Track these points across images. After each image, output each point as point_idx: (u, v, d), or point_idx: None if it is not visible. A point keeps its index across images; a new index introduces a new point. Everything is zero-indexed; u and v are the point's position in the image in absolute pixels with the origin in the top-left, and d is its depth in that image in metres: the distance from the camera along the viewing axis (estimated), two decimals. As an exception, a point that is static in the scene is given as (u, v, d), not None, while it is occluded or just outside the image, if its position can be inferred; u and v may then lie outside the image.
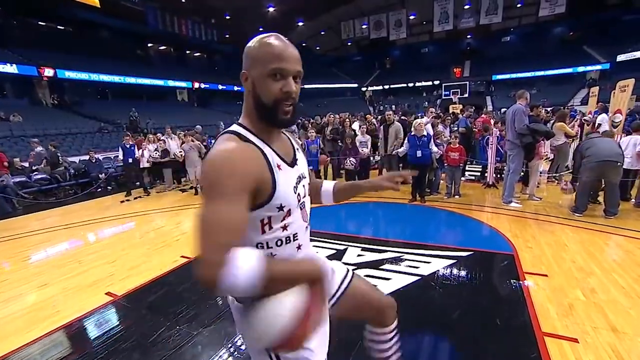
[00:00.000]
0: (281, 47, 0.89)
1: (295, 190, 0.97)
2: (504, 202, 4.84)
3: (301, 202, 1.01)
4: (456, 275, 2.92)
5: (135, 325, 2.49)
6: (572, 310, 2.30)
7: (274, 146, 0.95)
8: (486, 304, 2.45)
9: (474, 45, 35.43)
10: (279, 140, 1.00)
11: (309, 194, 1.10)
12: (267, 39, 0.90)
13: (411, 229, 4.27)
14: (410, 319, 2.34)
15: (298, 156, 1.04)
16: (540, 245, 3.42)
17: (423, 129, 5.04)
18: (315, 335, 0.94)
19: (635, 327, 2.06)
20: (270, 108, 0.90)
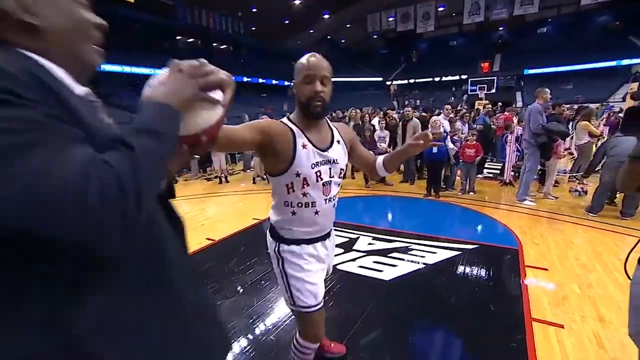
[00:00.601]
0: (311, 59, 1.24)
1: (315, 167, 1.26)
2: (518, 200, 4.88)
3: (322, 180, 1.28)
4: (459, 265, 3.09)
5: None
6: (565, 301, 2.44)
7: (307, 133, 1.27)
8: (483, 292, 2.63)
9: (506, 37, 33.94)
10: (316, 131, 1.30)
11: (367, 173, 1.55)
12: (304, 57, 1.26)
13: (422, 222, 4.43)
14: (409, 301, 2.57)
15: (334, 147, 1.33)
16: (547, 242, 3.51)
17: (439, 125, 5.14)
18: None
19: (623, 319, 2.16)
20: (305, 104, 1.23)
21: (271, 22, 30.54)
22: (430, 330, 2.21)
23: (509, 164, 5.90)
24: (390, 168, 1.48)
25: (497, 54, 32.96)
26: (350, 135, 1.46)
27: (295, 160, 1.22)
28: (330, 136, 1.34)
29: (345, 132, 1.43)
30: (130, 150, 0.49)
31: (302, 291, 1.33)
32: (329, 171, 1.30)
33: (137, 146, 0.50)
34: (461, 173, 5.71)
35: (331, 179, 1.31)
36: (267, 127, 1.23)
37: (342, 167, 1.36)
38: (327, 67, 1.24)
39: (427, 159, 5.34)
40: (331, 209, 1.37)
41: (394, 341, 2.11)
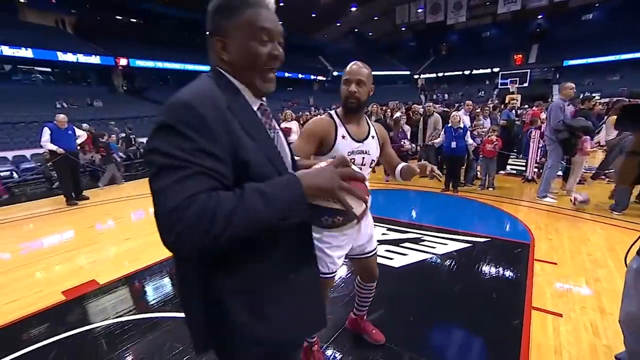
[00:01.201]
0: (352, 67, 1.53)
1: (350, 154, 1.53)
2: (538, 197, 4.82)
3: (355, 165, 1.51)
4: (468, 256, 3.19)
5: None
6: (569, 293, 2.49)
7: (347, 126, 1.56)
8: (487, 281, 2.73)
9: (545, 26, 31.96)
10: (355, 125, 1.58)
11: (387, 169, 1.77)
12: (349, 65, 1.54)
13: (437, 216, 4.51)
14: (415, 287, 2.73)
15: (368, 140, 1.59)
16: (562, 238, 3.51)
17: (459, 120, 5.15)
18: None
19: (626, 312, 2.21)
20: (344, 101, 1.54)
21: (298, 16, 30.64)
22: (431, 312, 2.35)
23: (532, 160, 5.79)
24: (404, 177, 1.68)
25: (534, 44, 31.19)
26: (384, 135, 1.72)
27: (334, 147, 1.52)
28: (367, 131, 1.61)
29: (381, 131, 1.70)
30: (239, 197, 0.64)
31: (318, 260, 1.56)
32: (362, 160, 1.57)
33: (247, 200, 0.65)
34: (481, 169, 5.68)
35: (362, 166, 1.57)
36: (315, 131, 1.53)
37: (374, 159, 1.62)
38: (365, 73, 1.51)
39: (446, 154, 5.37)
40: None
41: (396, 320, 2.28)
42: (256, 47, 0.75)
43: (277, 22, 0.78)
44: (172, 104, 0.67)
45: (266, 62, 0.77)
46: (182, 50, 23.93)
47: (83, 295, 2.81)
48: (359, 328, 2.09)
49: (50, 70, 19.02)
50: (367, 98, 1.55)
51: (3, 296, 2.86)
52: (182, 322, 2.37)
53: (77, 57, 17.35)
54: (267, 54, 0.76)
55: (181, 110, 0.66)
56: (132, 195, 6.51)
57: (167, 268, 3.25)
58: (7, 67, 17.34)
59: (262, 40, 0.75)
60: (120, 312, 2.51)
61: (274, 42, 0.77)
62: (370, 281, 1.89)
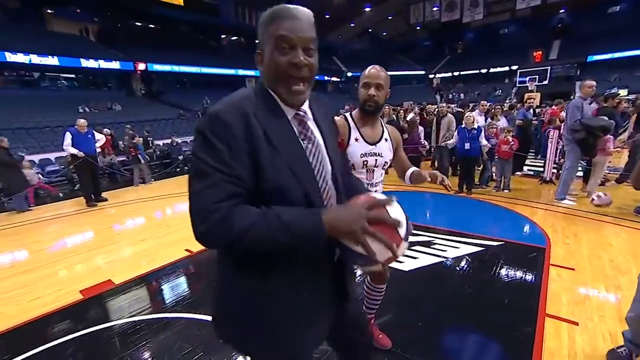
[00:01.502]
0: (371, 71, 1.55)
1: (363, 157, 1.59)
2: (557, 199, 4.66)
3: (368, 166, 1.61)
4: (480, 260, 3.11)
5: (206, 273, 3.25)
6: (586, 300, 2.39)
7: (361, 128, 1.62)
8: (500, 287, 2.66)
9: (567, 20, 30.82)
10: (369, 128, 1.63)
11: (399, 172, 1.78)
12: (367, 68, 1.57)
13: (449, 218, 4.43)
14: (425, 290, 2.68)
15: (381, 142, 1.64)
16: (580, 242, 3.38)
17: (473, 121, 5.04)
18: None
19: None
20: (362, 104, 1.59)
21: (312, 17, 30.74)
22: (440, 317, 2.31)
23: (551, 161, 5.60)
24: (414, 182, 1.71)
25: (555, 40, 30.12)
26: (397, 138, 1.76)
27: (347, 149, 1.56)
28: (381, 133, 1.66)
29: (394, 134, 1.74)
30: (260, 216, 0.72)
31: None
32: (375, 162, 1.63)
33: (266, 220, 0.72)
34: (496, 170, 5.54)
35: (375, 167, 1.64)
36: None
37: (387, 161, 1.67)
38: (383, 77, 1.54)
39: (460, 155, 5.26)
40: (374, 191, 1.66)
41: (404, 324, 2.25)
42: (277, 57, 0.79)
43: (301, 30, 0.79)
44: (208, 113, 0.76)
45: (286, 70, 0.79)
46: (197, 53, 24.46)
47: (99, 294, 2.91)
48: None
49: (74, 77, 19.84)
50: (385, 101, 1.59)
51: (27, 294, 3.00)
52: (191, 322, 2.43)
53: (98, 63, 18.05)
54: (287, 62, 0.78)
55: (212, 119, 0.75)
56: (148, 197, 6.69)
57: (180, 269, 3.33)
58: (35, 75, 18.22)
59: (282, 49, 0.78)
60: (132, 312, 2.59)
61: (296, 49, 0.78)
62: (381, 283, 1.90)
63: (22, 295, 2.98)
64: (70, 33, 20.11)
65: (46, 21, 20.03)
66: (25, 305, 2.80)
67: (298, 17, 0.79)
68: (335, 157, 0.94)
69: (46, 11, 20.09)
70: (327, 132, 0.94)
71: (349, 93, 34.53)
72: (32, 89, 17.57)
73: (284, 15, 0.78)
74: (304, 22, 0.80)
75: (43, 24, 19.75)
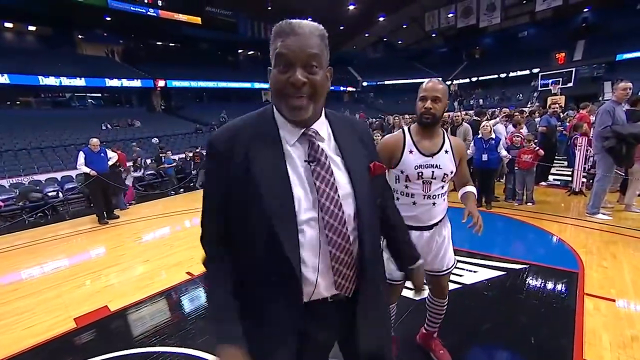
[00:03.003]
0: (427, 84, 1.55)
1: (417, 168, 1.57)
2: (588, 213, 4.22)
3: (424, 179, 1.59)
4: (501, 287, 2.78)
5: (205, 300, 3.08)
6: (634, 342, 2.02)
7: (417, 141, 1.61)
8: (525, 321, 2.32)
9: (592, 19, 29.55)
10: (427, 140, 1.61)
11: (457, 185, 1.81)
12: (424, 81, 1.58)
13: (466, 236, 4.04)
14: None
15: (440, 154, 1.60)
16: (621, 265, 2.97)
17: (490, 131, 4.71)
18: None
19: None
20: (419, 117, 1.58)
21: (327, 30, 30.91)
22: (453, 358, 2.01)
23: (579, 170, 5.14)
24: (463, 201, 1.75)
25: (579, 40, 28.85)
26: (461, 152, 1.70)
27: (401, 160, 1.59)
28: (440, 145, 1.62)
29: (458, 147, 1.68)
30: (211, 291, 0.89)
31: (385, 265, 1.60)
32: (432, 173, 1.58)
33: (210, 296, 0.91)
34: (517, 182, 5.13)
35: (433, 179, 1.59)
36: (385, 149, 1.62)
37: (447, 173, 1.61)
38: (440, 89, 1.53)
39: (477, 167, 4.91)
40: (430, 205, 1.64)
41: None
42: (276, 75, 0.77)
43: (301, 46, 0.75)
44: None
45: (284, 89, 0.76)
46: (215, 68, 25.16)
47: (92, 323, 2.79)
48: (427, 344, 2.07)
49: (100, 95, 20.86)
50: (442, 113, 1.58)
51: (22, 321, 2.92)
52: (182, 357, 2.24)
53: (121, 82, 18.94)
54: (285, 81, 0.76)
55: (208, 143, 0.84)
56: (158, 214, 6.68)
57: (179, 294, 3.19)
58: (67, 95, 19.34)
59: (281, 68, 0.76)
60: (123, 344, 2.44)
61: (294, 67, 0.75)
62: (440, 297, 1.90)
63: (18, 323, 2.91)
64: (97, 55, 21.22)
65: (77, 45, 21.31)
66: (19, 334, 2.72)
67: (298, 32, 0.76)
68: (359, 180, 0.85)
69: (77, 36, 21.38)
70: (350, 154, 0.87)
71: (364, 103, 34.40)
72: (62, 109, 18.66)
73: (284, 31, 0.76)
74: (305, 37, 0.76)
75: (74, 48, 21.03)
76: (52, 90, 18.47)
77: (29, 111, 17.65)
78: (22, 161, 11.06)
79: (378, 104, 33.08)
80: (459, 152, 1.67)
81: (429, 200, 1.63)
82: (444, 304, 1.91)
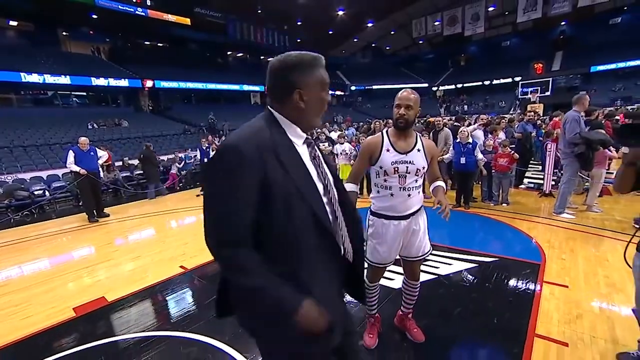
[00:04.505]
0: (402, 94, 1.83)
1: (394, 164, 1.84)
2: (555, 213, 4.59)
3: (399, 173, 1.85)
4: (472, 277, 3.07)
5: (198, 290, 3.26)
6: (579, 320, 2.33)
7: (393, 142, 1.88)
8: (491, 306, 2.60)
9: (569, 32, 31.00)
10: (402, 140, 1.88)
11: (428, 180, 2.06)
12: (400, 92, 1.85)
13: (444, 233, 4.37)
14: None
15: (413, 152, 1.86)
16: (576, 258, 3.31)
17: (467, 136, 5.05)
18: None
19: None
20: (394, 121, 1.86)
21: (316, 34, 31.46)
22: (426, 336, 2.26)
23: (549, 174, 5.54)
24: (433, 195, 1.95)
25: (558, 51, 30.20)
26: (432, 152, 1.96)
27: (380, 159, 1.87)
28: (413, 144, 1.88)
29: (429, 147, 1.95)
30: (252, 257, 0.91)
31: (370, 250, 2.00)
32: (406, 168, 1.84)
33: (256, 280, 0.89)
34: (493, 183, 5.49)
35: (407, 173, 1.85)
36: (364, 149, 1.94)
37: (419, 168, 1.87)
38: (413, 99, 1.80)
39: (456, 169, 5.25)
40: (406, 197, 1.89)
41: (388, 344, 2.21)
42: (325, 97, 1.05)
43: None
44: (225, 143, 0.92)
45: (325, 106, 1.06)
46: (204, 70, 24.99)
47: (91, 312, 2.93)
48: (403, 325, 2.31)
49: (85, 94, 20.47)
50: (414, 119, 1.85)
51: (19, 312, 3.03)
52: (178, 341, 2.42)
53: (108, 81, 18.59)
54: (327, 101, 1.06)
55: (232, 151, 0.89)
56: (150, 212, 6.76)
57: (173, 286, 3.34)
58: (49, 93, 18.90)
59: (326, 92, 1.05)
60: (123, 330, 2.60)
61: (328, 92, 1.07)
62: (412, 279, 2.15)
63: (16, 313, 3.01)
64: (82, 53, 20.84)
65: (61, 43, 20.85)
66: (17, 324, 2.83)
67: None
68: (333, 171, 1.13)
69: (61, 33, 20.93)
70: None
71: (352, 106, 34.84)
72: (45, 107, 18.20)
73: (323, 64, 1.04)
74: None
75: (58, 45, 20.55)
76: (35, 88, 17.98)
77: (10, 109, 17.17)
78: (5, 160, 10.84)
79: (366, 108, 33.55)
80: (430, 151, 1.93)
81: (405, 192, 1.88)
82: (417, 286, 2.17)
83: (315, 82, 1.00)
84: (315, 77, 1.00)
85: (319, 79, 1.01)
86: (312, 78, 1.00)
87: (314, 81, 1.00)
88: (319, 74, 1.01)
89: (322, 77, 1.02)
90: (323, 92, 1.03)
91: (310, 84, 0.99)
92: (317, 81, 1.01)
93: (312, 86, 1.00)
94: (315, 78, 1.00)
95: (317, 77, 1.00)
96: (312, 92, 1.00)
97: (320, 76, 1.01)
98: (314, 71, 1.00)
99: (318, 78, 1.01)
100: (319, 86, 1.01)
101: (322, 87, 1.02)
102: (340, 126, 15.08)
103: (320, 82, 1.01)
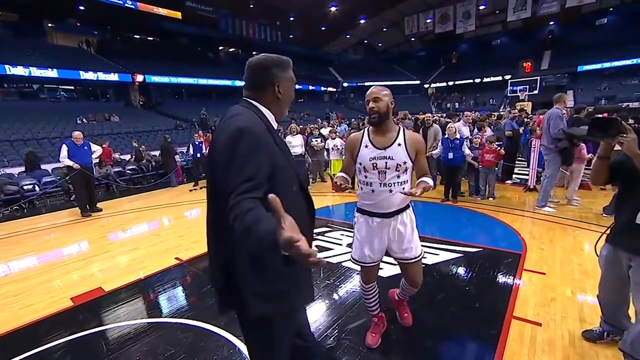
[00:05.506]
0: (371, 89, 1.85)
1: (372, 160, 1.84)
2: (538, 206, 4.81)
3: (378, 169, 1.84)
4: (456, 266, 3.24)
5: (193, 280, 3.36)
6: (552, 303, 2.52)
7: (371, 137, 1.89)
8: (473, 292, 2.78)
9: (557, 32, 31.64)
10: (380, 136, 1.87)
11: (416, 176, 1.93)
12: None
13: (432, 226, 4.56)
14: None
15: (393, 147, 1.83)
16: (554, 248, 3.51)
17: (455, 132, 5.22)
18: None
19: (606, 322, 2.23)
20: (369, 118, 1.86)
21: (308, 29, 31.40)
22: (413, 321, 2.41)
23: (533, 169, 5.76)
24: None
25: (546, 50, 30.83)
26: (416, 146, 1.87)
27: (359, 155, 1.89)
28: (393, 139, 1.85)
29: (414, 141, 1.87)
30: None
31: (355, 248, 2.03)
32: (385, 164, 1.82)
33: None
34: (480, 179, 5.69)
35: (387, 169, 1.83)
36: (348, 145, 1.98)
37: (399, 163, 1.82)
38: (376, 91, 1.82)
39: (444, 164, 5.43)
40: (387, 193, 1.86)
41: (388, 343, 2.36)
42: (293, 92, 1.31)
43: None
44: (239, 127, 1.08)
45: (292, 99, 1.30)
46: (195, 65, 24.73)
47: (89, 301, 3.01)
48: (396, 305, 2.41)
49: (73, 88, 20.08)
50: (387, 110, 1.82)
51: (19, 301, 3.09)
52: (175, 327, 2.53)
53: (97, 75, 18.28)
54: (294, 97, 1.32)
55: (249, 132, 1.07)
56: (142, 207, 6.80)
57: (169, 276, 3.43)
58: (35, 87, 18.48)
59: (294, 88, 1.31)
60: (120, 318, 2.69)
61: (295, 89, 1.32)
62: (412, 286, 2.12)
63: (16, 302, 3.08)
64: (69, 46, 20.41)
65: (47, 35, 20.37)
66: (17, 312, 2.89)
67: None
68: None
69: (47, 25, 20.45)
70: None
71: (345, 103, 34.96)
72: (30, 100, 17.77)
73: (291, 65, 1.28)
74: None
75: (44, 37, 20.08)
76: (21, 81, 17.56)
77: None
78: (-9, 154, 10.68)
79: (358, 105, 33.73)
80: (414, 146, 1.84)
81: (386, 188, 1.83)
82: (414, 291, 2.16)
83: (289, 79, 1.26)
84: (289, 74, 1.26)
85: (291, 77, 1.27)
86: (288, 75, 1.25)
87: (289, 77, 1.26)
88: (291, 73, 1.27)
89: (293, 76, 1.28)
90: (293, 88, 1.30)
91: (287, 79, 1.25)
92: (290, 77, 1.26)
93: (287, 81, 1.25)
94: (289, 75, 1.26)
95: (291, 75, 1.27)
96: (286, 86, 1.24)
97: (292, 75, 1.28)
98: (288, 70, 1.26)
99: (291, 75, 1.27)
100: (291, 82, 1.27)
101: (293, 84, 1.29)
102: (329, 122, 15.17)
103: (292, 79, 1.27)
